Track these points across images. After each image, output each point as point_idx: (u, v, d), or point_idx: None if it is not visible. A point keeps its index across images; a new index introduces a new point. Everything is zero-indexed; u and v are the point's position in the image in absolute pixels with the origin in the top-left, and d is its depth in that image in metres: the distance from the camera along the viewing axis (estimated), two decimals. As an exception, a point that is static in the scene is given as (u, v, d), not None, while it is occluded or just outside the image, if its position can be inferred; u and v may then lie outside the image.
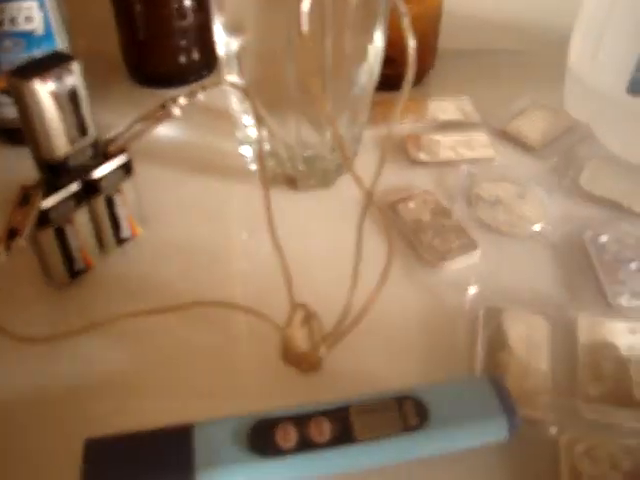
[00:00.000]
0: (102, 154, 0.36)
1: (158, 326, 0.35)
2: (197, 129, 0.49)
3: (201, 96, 0.38)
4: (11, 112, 0.45)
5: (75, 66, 0.33)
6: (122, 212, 0.39)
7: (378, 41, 0.39)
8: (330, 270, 0.38)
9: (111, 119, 0.50)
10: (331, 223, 0.42)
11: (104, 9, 0.52)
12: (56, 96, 0.32)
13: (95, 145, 0.36)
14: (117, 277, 0.39)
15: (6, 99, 0.45)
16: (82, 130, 0.35)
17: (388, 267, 0.33)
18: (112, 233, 0.39)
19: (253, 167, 0.45)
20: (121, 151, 0.37)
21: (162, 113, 0.37)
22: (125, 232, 0.40)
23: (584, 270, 0.39)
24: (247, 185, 0.44)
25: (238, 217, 0.43)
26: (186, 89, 0.38)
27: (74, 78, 0.33)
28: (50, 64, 0.33)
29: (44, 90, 0.32)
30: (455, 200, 0.42)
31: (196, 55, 0.52)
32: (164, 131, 0.47)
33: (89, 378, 0.33)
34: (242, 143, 0.44)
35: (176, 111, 0.38)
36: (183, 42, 0.50)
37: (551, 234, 0.41)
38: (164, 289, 0.38)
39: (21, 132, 0.43)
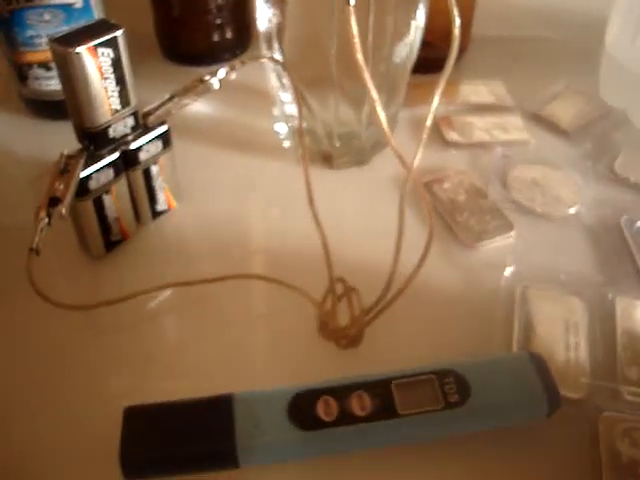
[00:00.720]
0: (142, 125, 0.36)
1: (194, 298, 0.35)
2: (234, 105, 0.49)
3: (237, 73, 0.38)
4: (46, 85, 0.45)
5: (120, 34, 0.33)
6: (159, 184, 0.39)
7: (420, 18, 0.38)
8: (368, 246, 0.38)
9: (144, 96, 0.50)
10: (367, 201, 0.42)
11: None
12: (100, 64, 0.32)
13: (135, 115, 0.36)
14: (153, 249, 0.39)
15: (43, 72, 0.45)
16: (124, 99, 0.35)
17: (429, 243, 0.33)
18: (149, 205, 0.39)
19: (288, 144, 0.44)
20: (160, 123, 0.37)
21: (201, 86, 0.37)
22: (161, 205, 0.40)
23: (620, 253, 0.38)
24: (282, 162, 0.44)
25: (273, 193, 0.43)
26: (220, 66, 0.37)
27: (119, 46, 0.33)
28: (95, 32, 0.33)
29: (88, 58, 0.32)
30: (490, 181, 0.42)
31: (230, 33, 0.52)
32: (201, 107, 0.47)
33: (128, 348, 0.33)
34: (278, 120, 0.44)
35: (215, 84, 0.38)
36: (217, 20, 0.50)
37: (587, 217, 0.40)
38: (199, 263, 0.38)
39: (57, 105, 0.44)
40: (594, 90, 0.50)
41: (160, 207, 0.40)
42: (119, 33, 0.33)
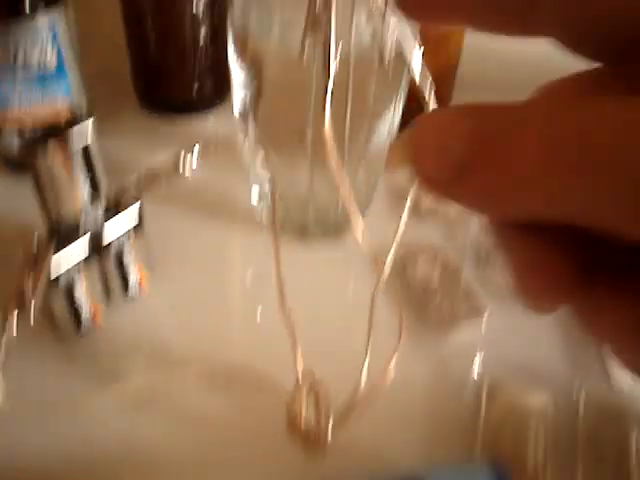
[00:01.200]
0: (113, 207, 0.36)
1: (160, 388, 0.35)
2: (208, 168, 0.48)
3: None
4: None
5: (87, 126, 0.32)
6: (131, 262, 0.38)
7: (402, 96, 0.38)
8: (340, 331, 0.38)
9: (120, 147, 0.50)
10: (341, 277, 0.42)
11: (116, 32, 0.51)
12: (67, 160, 0.32)
13: (106, 201, 0.35)
14: (124, 331, 0.39)
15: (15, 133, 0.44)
16: (93, 188, 0.34)
17: (399, 345, 0.33)
18: (120, 284, 0.39)
19: (264, 214, 0.44)
20: (131, 203, 0.37)
21: (173, 170, 0.37)
22: (133, 283, 0.39)
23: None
24: (254, 232, 0.44)
25: (246, 268, 0.43)
26: (192, 148, 0.37)
27: (86, 138, 0.32)
28: (63, 127, 0.32)
29: (54, 156, 0.31)
30: (465, 258, 0.42)
31: (209, 84, 0.51)
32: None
33: (91, 443, 0.33)
34: (252, 185, 0.44)
35: (187, 171, 0.37)
36: (196, 72, 0.50)
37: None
38: (169, 345, 0.38)
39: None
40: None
41: (132, 284, 0.39)
42: (88, 126, 0.32)
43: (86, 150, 0.33)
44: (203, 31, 0.48)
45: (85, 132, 0.32)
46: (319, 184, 0.40)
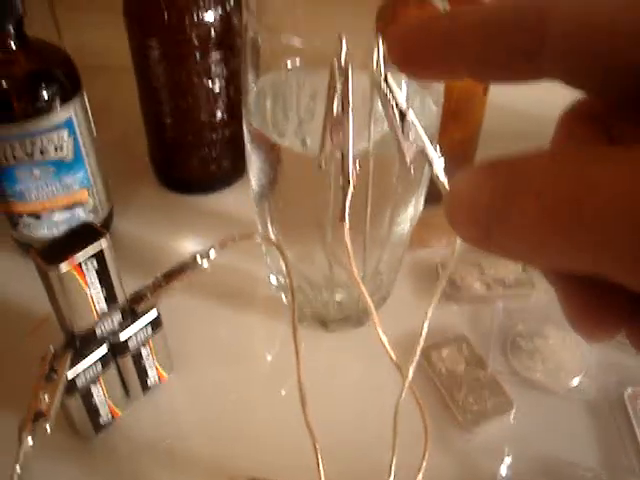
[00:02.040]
0: (130, 314, 0.35)
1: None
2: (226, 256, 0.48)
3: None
4: (37, 231, 0.45)
5: (105, 245, 0.32)
6: (149, 363, 0.38)
7: (420, 198, 0.37)
8: (363, 432, 0.37)
9: (138, 226, 0.50)
10: (364, 370, 0.41)
11: (133, 110, 0.50)
12: (84, 276, 0.32)
13: (123, 310, 0.35)
14: (143, 427, 0.38)
15: (33, 220, 0.44)
16: (110, 299, 0.34)
17: (424, 458, 0.32)
18: (138, 383, 0.38)
19: (283, 299, 0.43)
20: (149, 308, 0.36)
21: (191, 270, 0.36)
22: (151, 380, 0.39)
23: (623, 434, 0.37)
24: (274, 320, 0.43)
25: (265, 359, 0.42)
26: (210, 245, 0.36)
27: (104, 255, 0.32)
28: (78, 241, 0.32)
29: (71, 274, 0.31)
30: (490, 347, 0.41)
31: (226, 163, 0.51)
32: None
33: None
34: (270, 274, 0.43)
35: (206, 265, 0.37)
36: (213, 152, 0.49)
37: (590, 389, 0.39)
38: (189, 443, 0.37)
39: None
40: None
41: (150, 381, 0.39)
42: (104, 244, 0.32)
43: (102, 269, 0.32)
44: (220, 109, 0.47)
45: (100, 254, 0.31)
46: (338, 275, 0.39)
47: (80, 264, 0.31)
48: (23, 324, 0.43)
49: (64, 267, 0.31)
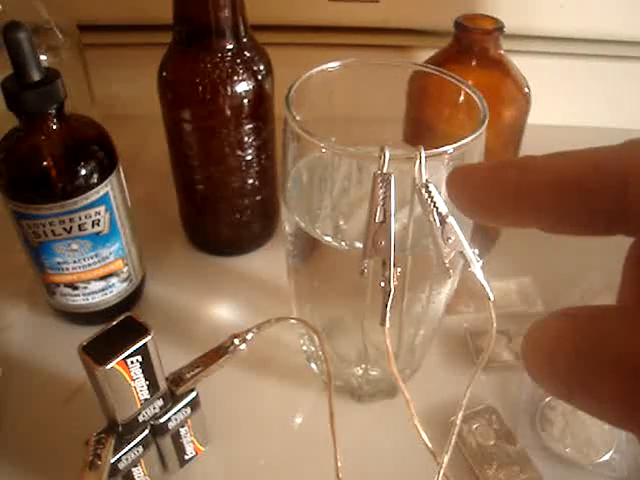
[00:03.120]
0: (170, 397, 0.36)
1: None
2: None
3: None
4: (73, 300, 0.45)
5: (149, 340, 0.33)
6: (187, 439, 0.39)
7: (455, 284, 0.38)
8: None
9: (168, 286, 0.50)
10: (398, 441, 0.41)
11: (165, 172, 0.51)
12: (129, 371, 0.32)
13: (164, 395, 0.36)
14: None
15: (70, 291, 0.45)
16: (153, 389, 0.34)
17: None
18: (176, 457, 0.39)
19: (315, 369, 0.44)
20: (189, 391, 0.37)
21: (230, 352, 0.37)
22: (189, 454, 0.40)
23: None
24: (310, 391, 0.44)
25: (299, 432, 0.42)
26: (248, 329, 0.37)
27: (148, 351, 0.33)
28: (123, 337, 0.32)
29: (117, 370, 0.32)
30: (519, 420, 0.42)
31: (256, 227, 0.52)
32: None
33: None
34: (304, 344, 0.44)
35: (243, 348, 0.37)
36: (244, 217, 0.50)
37: (620, 465, 0.40)
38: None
39: (84, 316, 0.45)
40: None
41: (188, 456, 0.40)
42: (148, 339, 0.32)
43: (147, 363, 0.33)
44: (252, 176, 0.48)
45: (145, 349, 0.32)
46: (372, 354, 0.40)
47: (126, 361, 0.32)
48: (58, 391, 0.44)
49: (111, 365, 0.31)
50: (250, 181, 0.48)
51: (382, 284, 0.30)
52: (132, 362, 0.32)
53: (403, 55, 0.68)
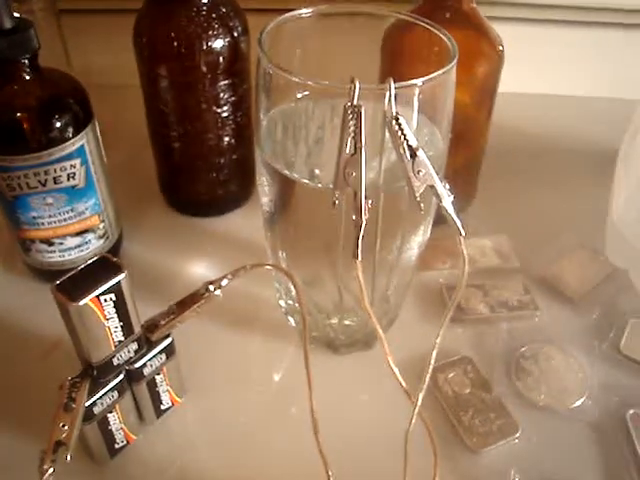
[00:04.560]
0: (145, 342, 0.36)
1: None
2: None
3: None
4: (49, 257, 0.45)
5: (123, 278, 0.33)
6: (163, 388, 0.39)
7: (429, 224, 0.38)
8: (374, 455, 0.38)
9: (145, 247, 0.50)
10: (373, 392, 0.42)
11: (141, 132, 0.51)
12: (103, 310, 0.32)
13: (139, 339, 0.36)
14: (157, 451, 0.39)
15: (45, 247, 0.45)
16: (127, 331, 0.34)
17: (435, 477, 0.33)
18: (152, 408, 0.39)
19: (292, 322, 0.44)
20: (164, 337, 0.37)
21: (205, 299, 0.37)
22: (165, 404, 0.40)
23: (626, 454, 0.38)
24: (287, 345, 0.44)
25: (276, 381, 0.43)
26: (223, 276, 0.37)
27: (122, 289, 0.33)
28: (96, 275, 0.32)
29: (90, 308, 0.32)
30: (494, 369, 0.42)
31: (233, 186, 0.52)
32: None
33: None
34: (280, 296, 0.44)
35: (218, 293, 0.37)
36: (221, 176, 0.50)
37: (592, 410, 0.40)
38: (200, 465, 0.38)
39: (60, 274, 0.44)
40: (601, 246, 0.50)
41: (164, 406, 0.40)
42: (122, 277, 0.32)
43: (120, 302, 0.33)
44: (228, 133, 0.48)
45: (118, 288, 0.32)
46: (347, 302, 0.40)
47: (99, 298, 0.32)
48: (35, 348, 0.44)
49: (84, 301, 0.31)
50: (226, 139, 0.48)
51: (354, 217, 0.31)
52: (105, 300, 0.32)
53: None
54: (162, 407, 0.40)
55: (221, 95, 0.46)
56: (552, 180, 0.58)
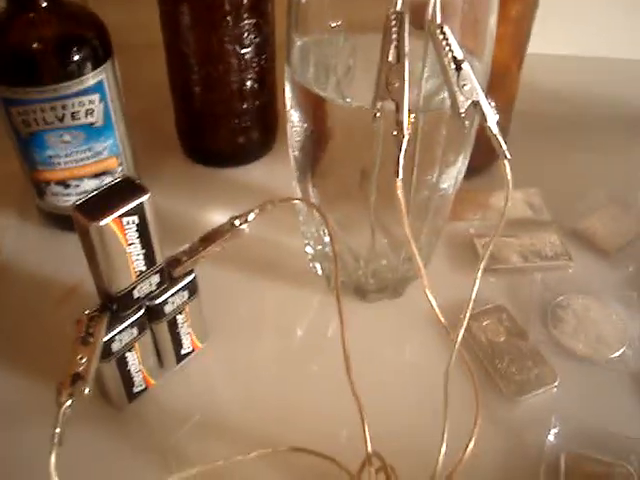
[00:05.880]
0: (167, 278, 0.34)
1: (215, 466, 0.33)
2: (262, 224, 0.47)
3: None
4: (64, 200, 0.44)
5: (146, 200, 0.31)
6: (184, 330, 0.37)
7: (468, 151, 0.36)
8: (408, 405, 0.36)
9: (166, 200, 0.48)
10: (405, 343, 0.40)
11: (160, 78, 0.49)
12: (125, 233, 0.30)
13: (161, 272, 0.34)
14: (176, 397, 0.37)
15: (61, 189, 0.43)
16: (149, 260, 0.33)
17: (476, 424, 0.31)
18: (173, 351, 0.37)
19: (318, 268, 0.42)
20: (187, 273, 0.35)
21: (231, 233, 0.35)
22: (186, 348, 0.38)
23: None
24: (311, 290, 0.42)
25: (303, 330, 0.41)
26: (249, 210, 0.35)
27: (145, 212, 0.31)
28: (119, 196, 0.30)
29: (112, 229, 0.30)
30: (530, 318, 0.40)
31: (255, 135, 0.50)
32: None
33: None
34: (307, 244, 0.42)
35: (245, 229, 0.36)
36: (242, 123, 0.48)
37: (633, 361, 0.38)
38: (224, 415, 0.36)
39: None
40: (635, 201, 0.48)
41: (185, 350, 0.38)
42: (145, 198, 0.31)
43: (143, 226, 0.31)
44: (251, 77, 0.46)
45: (141, 209, 0.30)
46: (379, 244, 0.38)
47: (121, 219, 0.30)
48: (50, 294, 0.42)
49: (105, 222, 0.29)
50: (249, 83, 0.46)
51: (394, 133, 0.29)
52: (128, 223, 0.30)
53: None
54: (182, 351, 0.38)
55: (245, 35, 0.44)
56: (583, 139, 0.57)
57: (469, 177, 0.39)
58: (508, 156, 0.31)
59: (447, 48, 0.29)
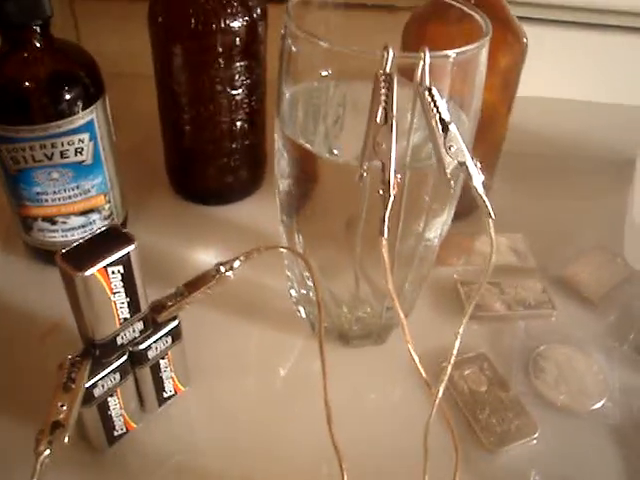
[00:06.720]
0: (151, 324, 0.34)
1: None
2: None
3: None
4: (51, 236, 0.43)
5: (132, 250, 0.31)
6: (167, 374, 0.37)
7: (451, 210, 0.37)
8: (387, 451, 0.36)
9: (150, 233, 0.49)
10: (387, 389, 0.40)
11: (150, 117, 0.50)
12: (110, 282, 0.30)
13: (145, 318, 0.34)
14: (157, 440, 0.37)
15: (48, 225, 0.43)
16: (134, 308, 0.33)
17: (456, 474, 0.31)
18: (155, 395, 0.37)
19: (303, 313, 0.42)
20: (171, 319, 0.35)
21: (216, 280, 0.35)
22: (168, 392, 0.38)
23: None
24: (297, 336, 0.42)
25: (288, 375, 0.41)
26: (235, 257, 0.35)
27: (131, 262, 0.31)
28: (104, 245, 0.31)
29: (97, 279, 0.30)
30: (512, 367, 0.40)
31: (244, 173, 0.50)
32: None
33: None
34: (291, 285, 0.42)
35: (230, 275, 0.36)
36: (231, 162, 0.48)
37: (613, 413, 0.39)
38: (201, 459, 0.36)
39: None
40: (620, 248, 0.49)
41: (167, 394, 0.38)
42: (131, 248, 0.31)
43: (128, 275, 0.31)
44: (241, 118, 0.47)
45: (127, 259, 0.31)
46: (363, 291, 0.38)
47: (107, 269, 0.30)
48: (33, 330, 0.42)
49: (90, 272, 0.29)
50: (239, 123, 0.46)
51: (380, 192, 0.29)
52: (113, 272, 0.30)
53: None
54: (165, 395, 0.38)
55: (236, 77, 0.44)
56: (568, 183, 0.57)
57: (453, 221, 0.39)
58: (493, 216, 0.31)
59: (435, 110, 0.29)
